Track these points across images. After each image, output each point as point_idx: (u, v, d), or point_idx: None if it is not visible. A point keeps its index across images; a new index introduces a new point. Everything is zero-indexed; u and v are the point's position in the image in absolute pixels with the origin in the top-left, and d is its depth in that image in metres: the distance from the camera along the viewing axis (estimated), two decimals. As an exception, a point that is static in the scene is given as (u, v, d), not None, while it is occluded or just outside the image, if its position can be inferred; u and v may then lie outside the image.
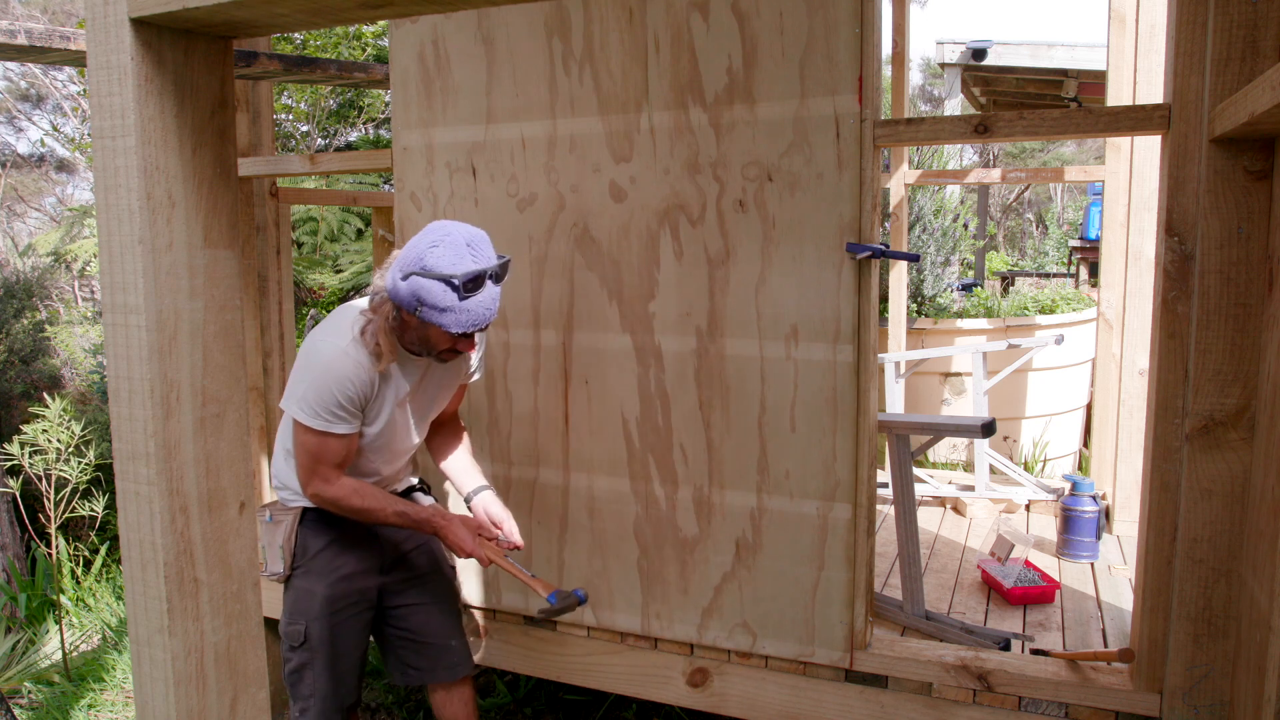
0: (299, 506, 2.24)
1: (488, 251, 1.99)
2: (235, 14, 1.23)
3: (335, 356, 2.03)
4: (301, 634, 2.21)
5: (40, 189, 14.82)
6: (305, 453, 2.09)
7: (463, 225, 2.00)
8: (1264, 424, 1.83)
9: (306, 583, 2.23)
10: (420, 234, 2.00)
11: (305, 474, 2.11)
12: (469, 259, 1.93)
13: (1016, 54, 7.05)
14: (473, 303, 1.94)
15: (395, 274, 1.99)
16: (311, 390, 2.03)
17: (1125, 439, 3.50)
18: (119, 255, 1.28)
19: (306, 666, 2.24)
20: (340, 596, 2.24)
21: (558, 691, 3.40)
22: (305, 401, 2.04)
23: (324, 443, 2.07)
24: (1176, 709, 2.03)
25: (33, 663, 4.03)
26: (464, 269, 1.92)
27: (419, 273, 1.92)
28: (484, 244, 1.99)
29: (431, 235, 1.97)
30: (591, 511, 2.64)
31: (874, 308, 2.27)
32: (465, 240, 1.95)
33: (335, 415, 2.05)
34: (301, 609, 2.22)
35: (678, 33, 2.36)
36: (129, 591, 1.35)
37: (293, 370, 2.13)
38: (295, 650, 2.24)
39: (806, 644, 2.41)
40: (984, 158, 17.91)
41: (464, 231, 1.97)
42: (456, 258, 1.92)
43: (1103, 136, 2.42)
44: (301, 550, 2.24)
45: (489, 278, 1.96)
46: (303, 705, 2.26)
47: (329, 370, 2.03)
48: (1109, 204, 3.68)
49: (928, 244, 6.22)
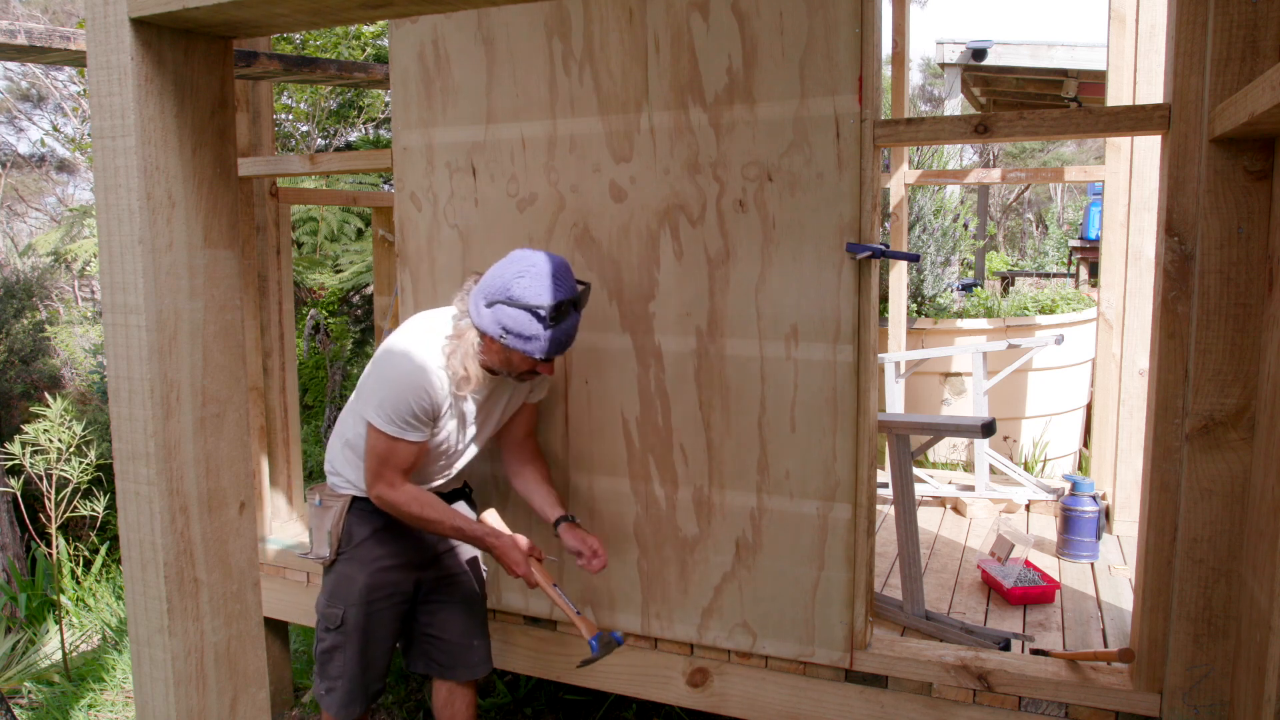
0: (349, 494, 2.32)
1: (569, 281, 2.09)
2: (235, 14, 1.23)
3: (418, 370, 2.12)
4: (339, 617, 2.31)
5: (40, 189, 14.82)
6: (374, 456, 2.18)
7: (545, 255, 2.09)
8: (1264, 424, 1.83)
9: (349, 569, 2.32)
10: (505, 262, 2.10)
11: (372, 476, 2.20)
12: (554, 289, 2.04)
13: (1016, 54, 7.06)
14: (558, 330, 2.06)
15: (478, 301, 2.10)
16: (389, 398, 2.12)
17: (1125, 439, 3.50)
18: (119, 255, 1.28)
19: (339, 649, 2.33)
20: (378, 586, 2.32)
21: (558, 691, 3.40)
22: (382, 407, 2.13)
23: (394, 448, 2.16)
24: (1176, 709, 2.03)
25: (33, 663, 4.03)
26: (550, 299, 2.02)
27: (505, 302, 2.03)
28: (566, 273, 2.09)
29: (517, 265, 2.07)
30: (591, 511, 2.64)
31: (874, 308, 2.27)
32: (550, 271, 2.05)
33: (409, 424, 2.13)
34: (341, 594, 2.32)
35: (678, 33, 2.36)
36: (129, 591, 1.35)
37: (368, 373, 2.22)
38: (330, 632, 2.33)
39: (806, 644, 2.41)
40: (984, 158, 17.91)
41: (548, 262, 2.07)
42: (542, 288, 2.02)
43: (1103, 136, 2.42)
44: (347, 537, 2.32)
45: (572, 306, 2.08)
46: (329, 684, 2.35)
47: (410, 382, 2.11)
48: (1109, 204, 3.68)
49: (928, 244, 6.22)
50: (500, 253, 2.65)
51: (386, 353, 2.20)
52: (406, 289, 2.84)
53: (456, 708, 2.52)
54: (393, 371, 2.14)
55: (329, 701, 2.35)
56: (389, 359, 2.18)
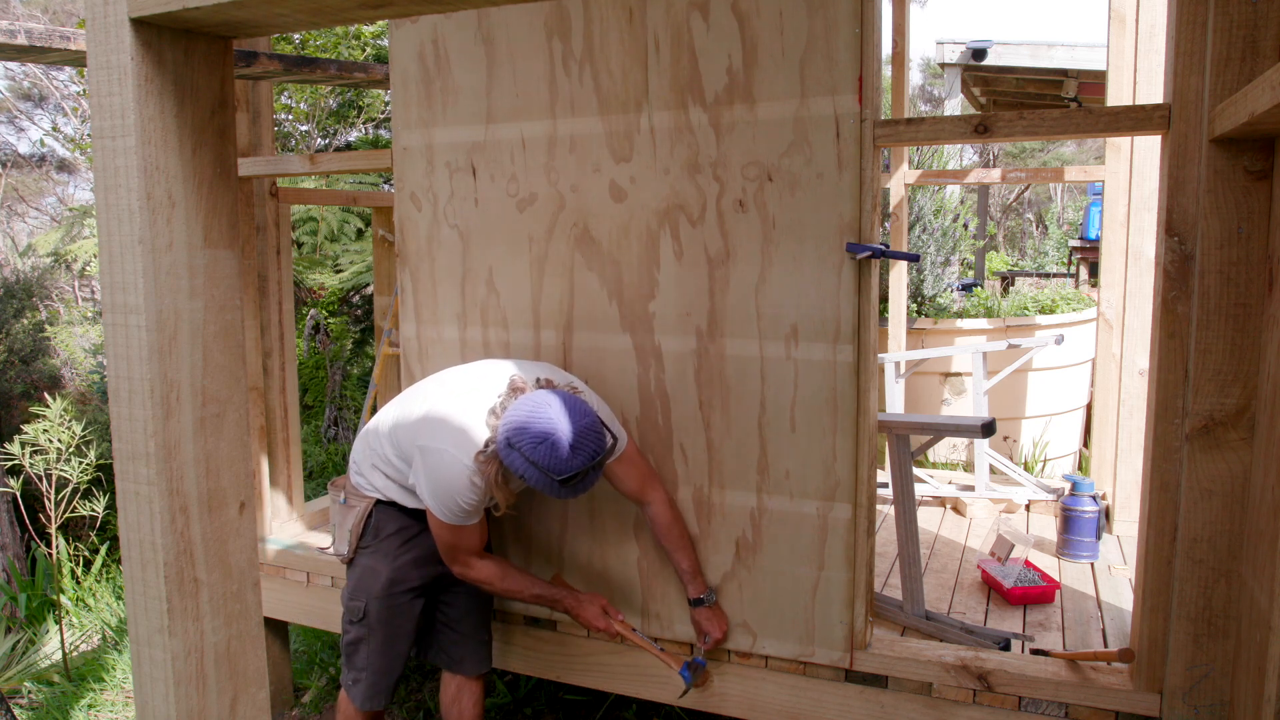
0: (373, 497, 2.38)
1: (592, 445, 2.06)
2: (235, 14, 1.23)
3: (457, 474, 2.15)
4: (362, 610, 2.37)
5: (41, 189, 14.81)
6: (441, 541, 2.28)
7: (572, 417, 2.06)
8: (1264, 424, 1.83)
9: (373, 561, 2.38)
10: (532, 409, 2.06)
11: (447, 556, 2.31)
12: (571, 461, 2.03)
13: (1016, 54, 7.05)
14: (573, 488, 2.08)
15: (504, 437, 2.07)
16: (436, 492, 2.18)
17: (1125, 439, 3.50)
18: (119, 255, 1.28)
19: (363, 641, 2.39)
20: (401, 580, 2.38)
21: (558, 691, 3.40)
22: (433, 498, 2.19)
23: (458, 533, 2.24)
24: (1176, 709, 2.03)
25: (33, 663, 4.03)
26: (565, 470, 2.04)
27: (524, 457, 2.03)
28: (589, 439, 2.06)
29: (540, 426, 2.03)
30: (591, 511, 2.64)
31: (874, 308, 2.27)
32: (570, 443, 2.03)
33: (460, 515, 2.20)
34: (364, 586, 2.37)
35: (678, 33, 2.36)
36: (129, 591, 1.35)
37: (417, 461, 2.21)
38: (354, 624, 2.39)
39: (806, 644, 2.41)
40: (984, 158, 17.90)
41: (570, 430, 2.04)
42: (559, 460, 2.02)
43: (1103, 136, 2.42)
44: (375, 531, 2.38)
45: (592, 469, 2.09)
46: (355, 675, 2.41)
47: (451, 484, 2.16)
48: (1109, 204, 3.68)
49: (928, 244, 6.21)
50: (500, 252, 2.66)
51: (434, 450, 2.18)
52: (406, 289, 2.84)
53: (465, 704, 2.58)
54: (438, 475, 2.17)
55: (355, 692, 2.42)
56: (434, 459, 2.17)
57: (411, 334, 2.85)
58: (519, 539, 2.77)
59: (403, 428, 2.29)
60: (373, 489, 2.38)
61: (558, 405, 2.07)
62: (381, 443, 2.35)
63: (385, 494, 2.37)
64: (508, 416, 2.09)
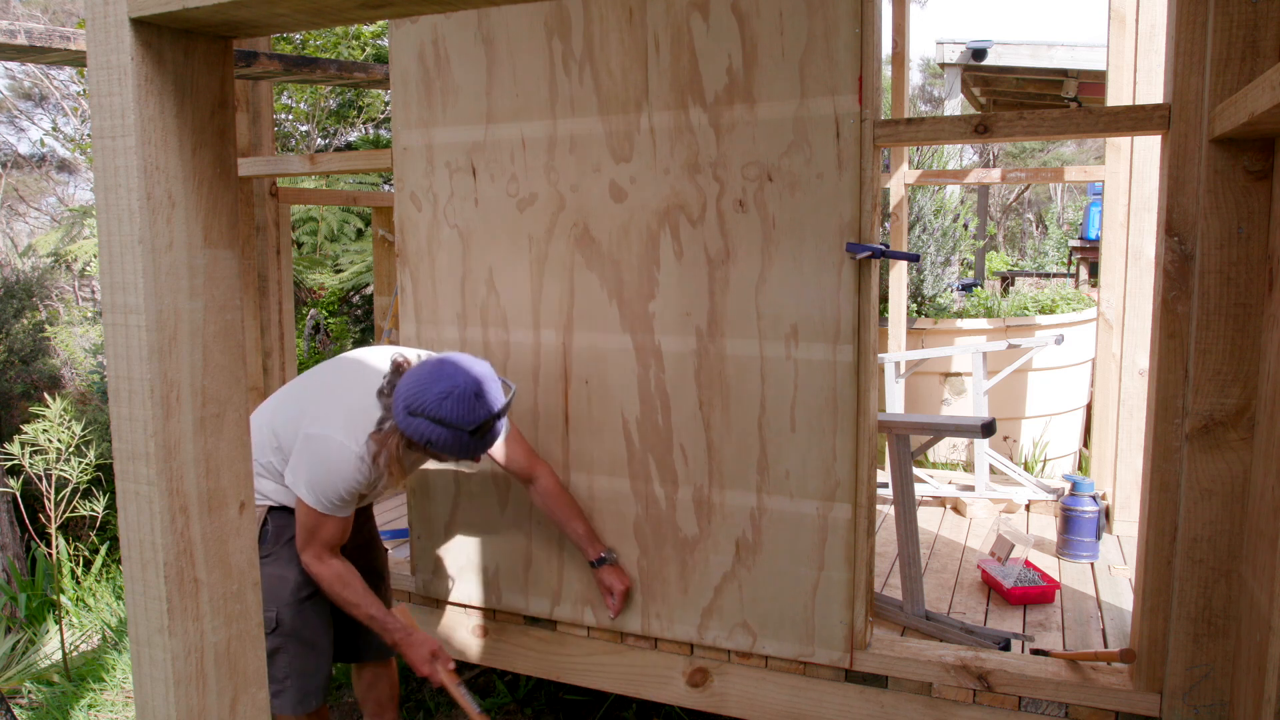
0: (265, 505, 2.31)
1: (494, 393, 2.08)
2: (235, 14, 1.23)
3: (344, 460, 2.14)
4: (273, 620, 2.29)
5: (41, 189, 14.82)
6: (303, 527, 2.22)
7: (469, 369, 2.07)
8: (1264, 424, 1.83)
9: (277, 569, 2.30)
10: (428, 373, 2.07)
11: (302, 543, 2.25)
12: (478, 409, 2.03)
13: (1016, 54, 7.06)
14: (482, 439, 2.07)
15: (402, 407, 2.07)
16: (316, 479, 2.15)
17: (1125, 439, 3.50)
18: (119, 255, 1.28)
19: (280, 650, 2.31)
20: (309, 581, 2.31)
21: (558, 691, 3.40)
22: (310, 486, 2.16)
23: (322, 521, 2.20)
24: (1176, 709, 2.03)
25: (33, 663, 4.03)
26: (475, 421, 2.03)
27: (430, 418, 2.02)
28: (491, 386, 2.07)
29: (441, 385, 2.04)
30: (591, 511, 2.64)
31: (874, 308, 2.27)
32: (474, 391, 2.04)
33: (335, 504, 2.17)
34: (274, 595, 2.30)
35: (678, 33, 2.36)
36: (129, 591, 1.35)
37: (298, 449, 2.20)
38: (269, 635, 2.30)
39: (806, 644, 2.41)
40: (984, 158, 17.91)
41: (472, 379, 2.05)
42: (466, 409, 2.02)
43: (1103, 136, 2.42)
44: (274, 538, 2.31)
45: (496, 418, 2.07)
46: (278, 687, 2.33)
47: (335, 469, 2.14)
48: (1109, 204, 3.68)
49: (928, 244, 6.22)
50: (500, 252, 2.66)
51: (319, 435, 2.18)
52: (406, 289, 2.84)
53: (381, 688, 2.59)
54: (321, 456, 2.15)
55: (280, 704, 2.34)
56: (319, 443, 2.17)
57: (411, 334, 2.85)
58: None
59: (283, 423, 2.26)
60: (263, 497, 2.31)
61: (449, 363, 2.09)
62: (263, 449, 2.30)
63: (275, 499, 2.31)
64: (402, 388, 2.08)
